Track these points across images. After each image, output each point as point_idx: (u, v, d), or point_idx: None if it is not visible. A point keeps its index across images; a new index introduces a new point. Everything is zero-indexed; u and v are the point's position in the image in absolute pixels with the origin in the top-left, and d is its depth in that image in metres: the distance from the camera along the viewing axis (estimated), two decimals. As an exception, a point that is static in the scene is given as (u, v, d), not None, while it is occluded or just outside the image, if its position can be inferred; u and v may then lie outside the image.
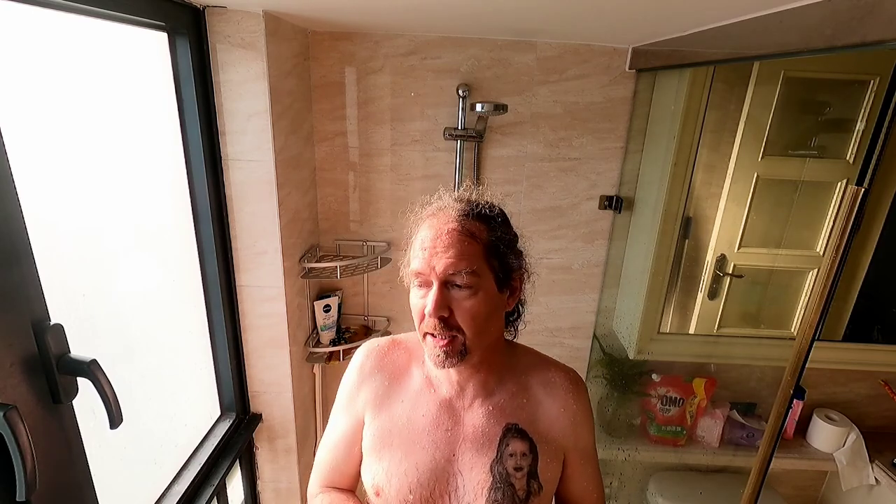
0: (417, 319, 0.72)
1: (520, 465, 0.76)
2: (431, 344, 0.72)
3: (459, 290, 0.69)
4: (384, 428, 0.80)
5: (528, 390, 0.81)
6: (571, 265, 1.76)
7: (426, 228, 0.73)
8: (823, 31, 0.73)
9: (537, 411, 0.80)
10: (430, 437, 0.78)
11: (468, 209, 0.74)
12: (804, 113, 1.55)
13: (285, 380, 1.47)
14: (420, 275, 0.71)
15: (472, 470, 0.76)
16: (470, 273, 0.69)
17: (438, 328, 0.70)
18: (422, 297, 0.71)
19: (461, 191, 0.80)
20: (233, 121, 1.21)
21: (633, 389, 1.82)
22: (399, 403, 0.81)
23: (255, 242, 1.32)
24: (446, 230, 0.71)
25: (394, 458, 0.78)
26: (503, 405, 0.79)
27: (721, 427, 1.77)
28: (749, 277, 1.68)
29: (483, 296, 0.71)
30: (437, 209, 0.76)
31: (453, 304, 0.70)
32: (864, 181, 0.73)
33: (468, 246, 0.70)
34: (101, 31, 0.92)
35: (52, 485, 0.71)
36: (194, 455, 1.28)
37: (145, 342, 1.10)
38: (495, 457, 0.76)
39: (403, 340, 0.87)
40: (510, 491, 0.75)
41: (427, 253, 0.70)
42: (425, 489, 0.76)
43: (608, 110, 1.57)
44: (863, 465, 1.77)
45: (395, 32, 1.47)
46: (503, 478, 0.76)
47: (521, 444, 0.77)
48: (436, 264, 0.69)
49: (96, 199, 0.93)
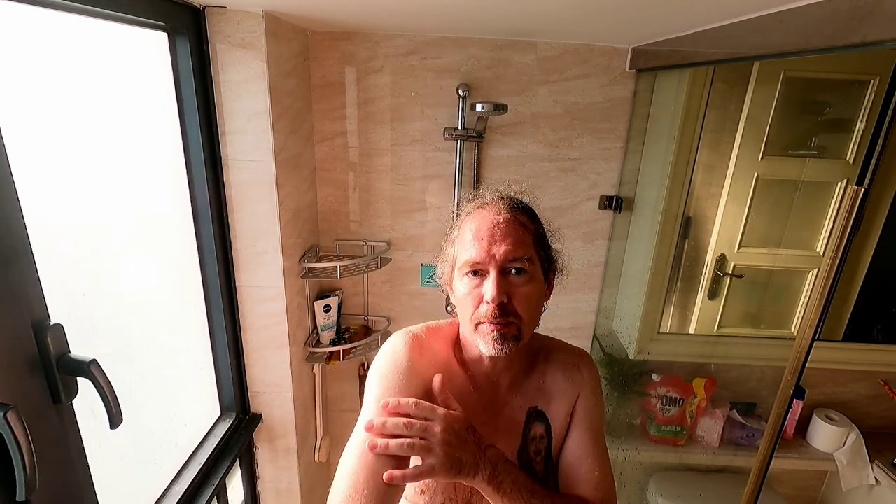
0: (471, 308, 0.72)
1: (539, 448, 0.79)
2: (487, 330, 0.71)
3: (517, 276, 0.71)
4: None
5: (545, 374, 0.83)
6: (571, 265, 1.75)
7: (476, 220, 0.74)
8: (823, 31, 0.73)
9: (552, 390, 0.81)
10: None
11: (514, 202, 0.77)
12: (804, 113, 1.55)
13: (285, 380, 1.47)
14: (477, 264, 0.71)
15: None
16: (527, 260, 0.71)
17: (498, 314, 0.70)
18: (475, 286, 0.72)
19: (500, 188, 0.81)
20: (233, 121, 1.21)
21: (633, 389, 1.82)
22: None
23: (255, 242, 1.32)
24: (501, 220, 0.72)
25: None
26: (527, 390, 0.81)
27: (721, 427, 1.77)
28: (749, 277, 1.68)
29: (536, 283, 0.73)
30: (483, 203, 0.77)
31: (511, 290, 0.71)
32: (864, 181, 0.73)
33: (523, 234, 0.73)
34: (101, 31, 0.92)
35: (52, 485, 0.71)
36: (194, 455, 1.28)
37: (145, 342, 1.10)
38: (521, 443, 0.78)
39: (439, 327, 0.84)
40: (533, 475, 0.76)
41: (485, 242, 0.71)
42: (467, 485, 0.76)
43: (608, 110, 1.57)
44: (863, 465, 1.77)
45: (395, 32, 1.47)
46: (527, 464, 0.78)
47: (540, 427, 0.79)
48: (496, 252, 0.70)
49: (96, 198, 0.93)
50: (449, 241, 0.78)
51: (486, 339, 0.72)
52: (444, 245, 0.80)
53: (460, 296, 0.74)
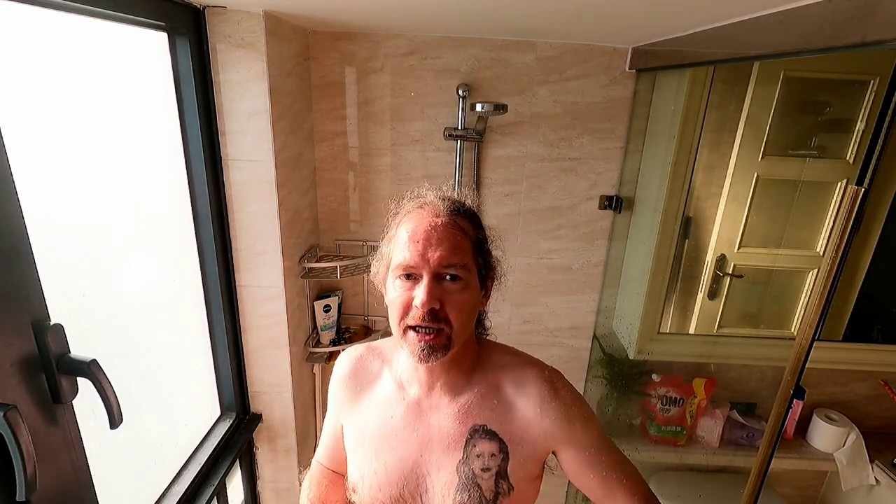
0: (400, 313, 0.70)
1: (488, 465, 0.75)
2: (415, 339, 0.69)
3: (450, 282, 0.69)
4: (356, 429, 0.83)
5: (500, 390, 0.78)
6: (571, 265, 1.76)
7: (413, 221, 0.72)
8: (823, 31, 0.73)
9: (510, 412, 0.77)
10: (398, 437, 0.78)
11: (456, 205, 0.74)
12: (804, 113, 1.55)
13: (285, 380, 1.47)
14: (410, 268, 0.69)
15: (439, 471, 0.76)
16: (462, 266, 0.69)
17: (427, 320, 0.68)
18: (406, 289, 0.70)
19: (442, 189, 0.79)
20: (233, 121, 1.21)
21: (633, 389, 1.82)
22: (371, 406, 0.82)
23: (255, 242, 1.32)
24: (440, 223, 0.70)
25: (365, 458, 0.80)
26: (470, 406, 0.77)
27: (721, 427, 1.77)
28: (749, 277, 1.68)
29: (471, 290, 0.71)
30: (422, 203, 0.75)
31: (443, 296, 0.69)
32: (864, 181, 0.73)
33: (461, 240, 0.70)
34: (101, 31, 0.92)
35: (52, 485, 0.71)
36: (194, 455, 1.28)
37: (145, 342, 1.10)
38: (461, 457, 0.76)
39: (379, 346, 0.89)
40: (477, 492, 0.75)
41: (420, 245, 0.68)
42: (394, 488, 0.77)
43: (608, 110, 1.57)
44: (863, 465, 1.77)
45: (395, 32, 1.47)
46: (469, 479, 0.75)
47: (489, 444, 0.76)
48: (430, 256, 0.68)
49: (96, 198, 0.93)
50: (386, 240, 0.76)
51: (412, 347, 0.70)
52: (380, 242, 0.77)
53: (391, 298, 0.72)
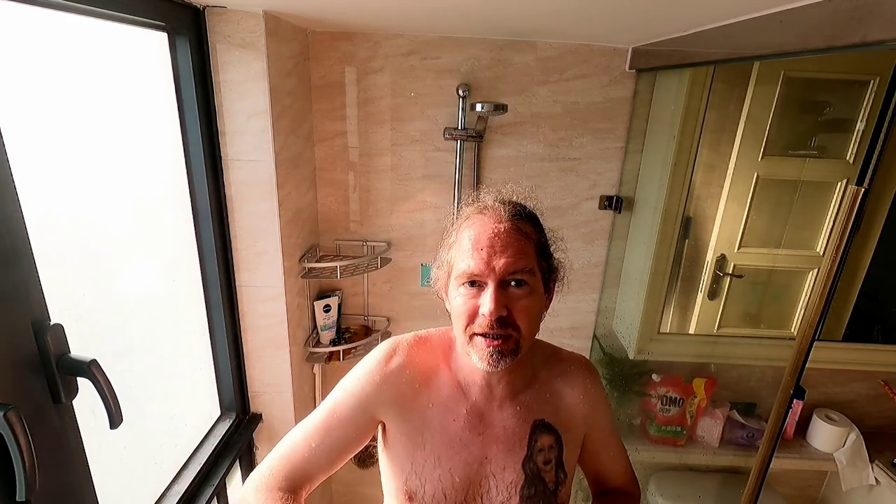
0: (465, 321, 0.70)
1: (548, 458, 0.78)
2: (483, 345, 0.69)
3: (516, 288, 0.69)
4: (415, 431, 0.78)
5: (549, 384, 0.82)
6: (571, 265, 1.75)
7: (475, 227, 0.71)
8: (823, 31, 0.73)
9: (559, 403, 0.81)
10: (462, 442, 0.77)
11: (517, 209, 0.73)
12: (804, 113, 1.55)
13: (285, 380, 1.47)
14: (475, 276, 0.68)
15: (504, 470, 0.77)
16: (528, 272, 0.69)
17: (495, 327, 0.67)
18: (472, 297, 0.69)
19: (501, 192, 0.78)
20: (233, 121, 1.21)
21: (633, 389, 1.82)
22: (429, 407, 0.78)
23: (255, 242, 1.32)
24: (502, 229, 0.69)
25: (427, 463, 0.76)
26: (529, 403, 0.80)
27: (721, 427, 1.77)
28: (749, 277, 1.68)
29: (537, 295, 0.71)
30: (482, 208, 0.74)
31: (510, 302, 0.68)
32: (864, 181, 0.73)
33: (525, 245, 0.70)
34: (101, 31, 0.92)
35: (52, 485, 0.71)
36: (194, 455, 1.28)
37: (145, 342, 1.09)
38: (526, 454, 0.77)
39: (429, 338, 0.84)
40: (542, 485, 0.77)
41: (484, 252, 0.68)
42: (459, 493, 0.76)
43: (608, 110, 1.57)
44: (863, 465, 1.77)
45: (395, 32, 1.47)
46: (535, 473, 0.77)
47: (548, 438, 0.79)
48: (495, 264, 0.67)
49: (96, 198, 0.93)
50: (446, 246, 0.75)
51: (480, 353, 0.69)
52: (440, 248, 0.77)
53: (456, 305, 0.71)
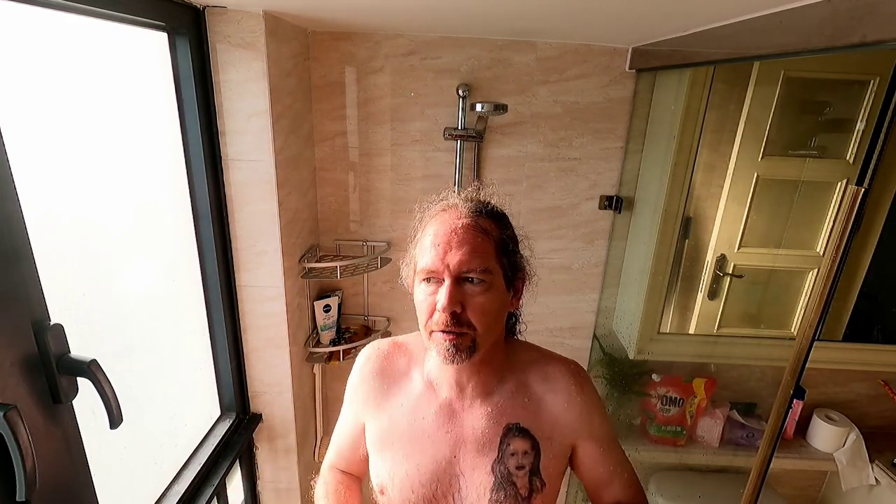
0: (425, 316, 0.71)
1: (521, 463, 0.77)
2: (440, 339, 0.70)
3: (472, 285, 0.69)
4: (384, 429, 0.81)
5: (529, 388, 0.80)
6: (571, 265, 1.76)
7: (436, 224, 0.72)
8: (823, 31, 0.73)
9: (540, 409, 0.79)
10: (430, 439, 0.78)
11: (479, 207, 0.74)
12: (804, 113, 1.55)
13: (285, 380, 1.47)
14: (431, 272, 0.69)
15: (473, 471, 0.77)
16: (484, 270, 0.69)
17: (450, 324, 0.68)
18: (430, 293, 0.70)
19: (468, 190, 0.79)
20: (233, 121, 1.21)
21: (633, 389, 1.82)
22: (400, 406, 0.81)
23: (255, 242, 1.32)
24: (460, 226, 0.70)
25: (395, 459, 0.79)
26: (503, 405, 0.79)
27: (721, 427, 1.77)
28: (749, 277, 1.68)
29: (494, 293, 0.71)
30: (446, 206, 0.75)
31: (465, 299, 0.69)
32: (864, 181, 0.73)
33: (482, 242, 0.70)
34: (101, 31, 0.92)
35: (52, 485, 0.71)
36: (194, 455, 1.28)
37: (145, 342, 1.09)
38: (497, 457, 0.76)
39: (405, 342, 0.87)
40: (512, 490, 0.76)
41: (440, 249, 0.69)
42: (427, 490, 0.77)
43: (608, 110, 1.57)
44: (863, 465, 1.77)
45: (395, 32, 1.47)
46: (505, 477, 0.76)
47: (522, 442, 0.77)
48: (450, 261, 0.68)
49: (96, 198, 0.93)
50: (413, 243, 0.76)
51: (438, 347, 0.70)
52: (409, 246, 0.78)
53: (417, 302, 0.73)
